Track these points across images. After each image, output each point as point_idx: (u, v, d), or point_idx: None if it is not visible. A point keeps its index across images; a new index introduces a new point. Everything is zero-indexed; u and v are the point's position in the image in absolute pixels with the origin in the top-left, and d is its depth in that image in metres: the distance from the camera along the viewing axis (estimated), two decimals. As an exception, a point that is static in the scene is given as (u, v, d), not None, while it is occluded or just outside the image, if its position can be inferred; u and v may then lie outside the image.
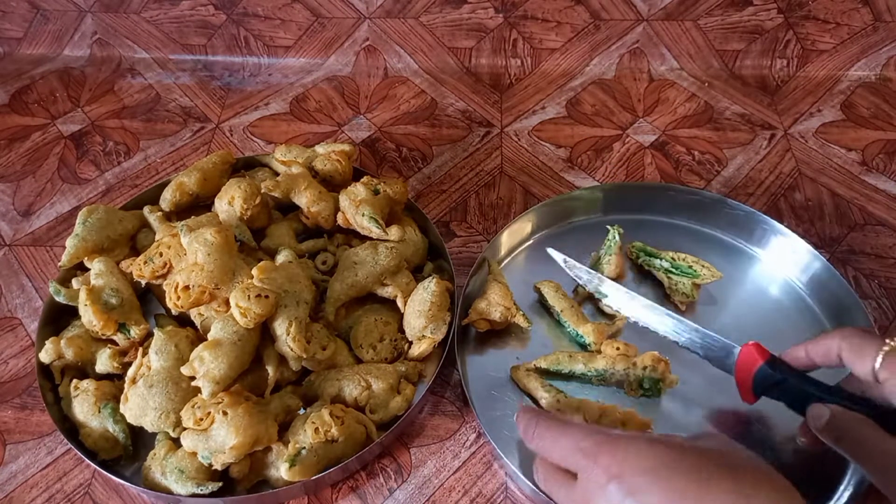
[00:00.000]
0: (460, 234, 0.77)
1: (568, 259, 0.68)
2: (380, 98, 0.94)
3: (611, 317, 0.67)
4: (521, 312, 0.64)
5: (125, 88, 0.96)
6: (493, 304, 0.63)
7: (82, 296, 0.61)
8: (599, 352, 0.62)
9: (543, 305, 0.68)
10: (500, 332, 0.66)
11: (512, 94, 0.94)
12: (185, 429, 0.54)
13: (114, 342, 0.62)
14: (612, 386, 0.62)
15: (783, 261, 0.70)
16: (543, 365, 0.62)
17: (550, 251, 0.69)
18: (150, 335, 0.61)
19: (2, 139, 0.89)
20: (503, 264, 0.72)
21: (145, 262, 0.62)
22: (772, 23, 0.94)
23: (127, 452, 0.58)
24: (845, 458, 0.57)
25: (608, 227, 0.69)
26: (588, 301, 0.69)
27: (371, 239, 0.67)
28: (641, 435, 0.43)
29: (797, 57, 0.95)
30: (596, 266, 0.70)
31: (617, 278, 0.68)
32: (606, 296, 0.66)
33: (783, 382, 0.54)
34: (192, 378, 0.54)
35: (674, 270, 0.67)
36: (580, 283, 0.67)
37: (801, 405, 0.53)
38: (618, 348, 0.61)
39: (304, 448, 0.54)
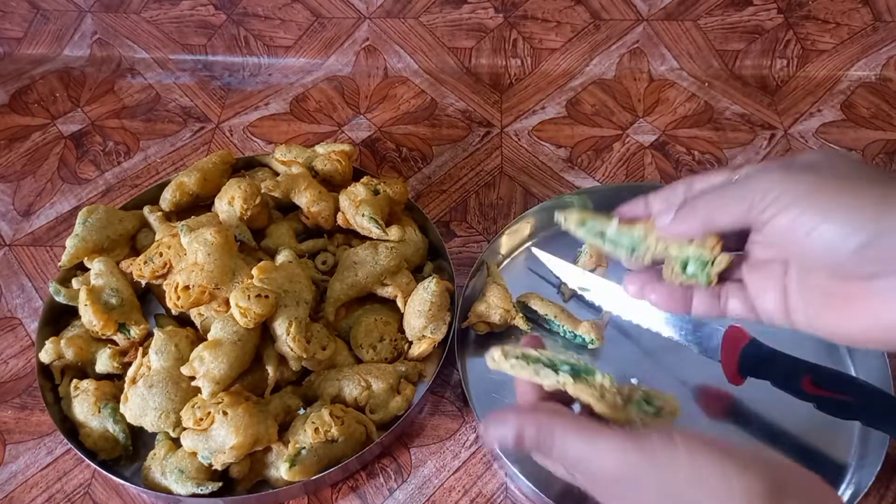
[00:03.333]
0: (460, 234, 0.77)
1: (552, 257, 0.69)
2: (380, 98, 0.94)
3: (598, 309, 0.67)
4: (520, 314, 0.64)
5: (125, 88, 0.96)
6: (493, 307, 0.63)
7: (82, 296, 0.61)
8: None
9: (531, 319, 0.66)
10: (499, 333, 0.66)
11: (512, 94, 0.94)
12: (185, 429, 0.54)
13: (114, 342, 0.62)
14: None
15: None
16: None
17: (535, 250, 0.70)
18: (150, 335, 0.61)
19: (2, 139, 0.89)
20: (503, 265, 0.72)
21: (145, 262, 0.62)
22: (772, 23, 0.94)
23: (127, 452, 0.58)
24: (846, 459, 0.57)
25: None
26: (573, 298, 0.69)
27: (371, 239, 0.67)
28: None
29: (797, 57, 0.95)
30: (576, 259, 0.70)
31: (595, 268, 0.69)
32: (589, 290, 0.66)
33: (769, 359, 0.55)
34: (192, 378, 0.54)
35: None
36: (563, 280, 0.68)
37: (786, 382, 0.54)
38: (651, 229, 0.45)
39: (304, 448, 0.54)
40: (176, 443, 0.56)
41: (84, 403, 0.58)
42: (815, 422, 0.59)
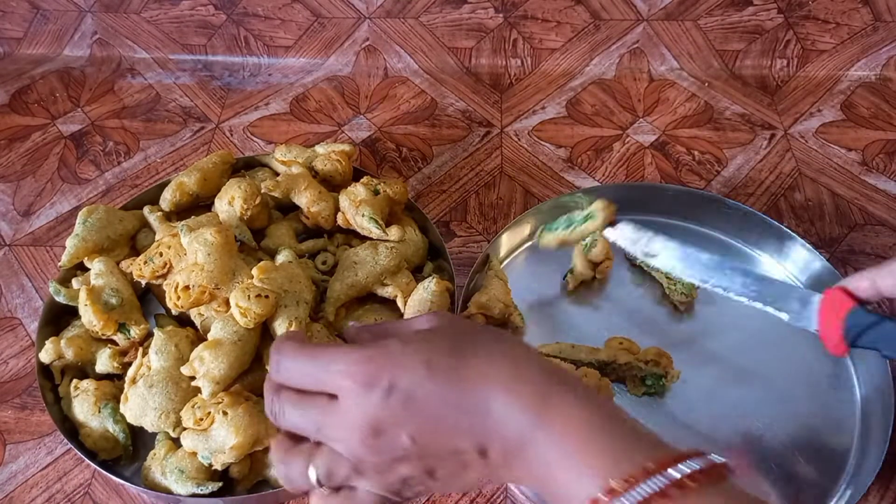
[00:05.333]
0: (460, 234, 0.77)
1: (623, 230, 0.59)
2: (380, 98, 0.94)
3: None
4: (517, 311, 0.64)
5: (125, 88, 0.96)
6: (494, 300, 0.64)
7: (82, 296, 0.61)
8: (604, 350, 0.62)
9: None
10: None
11: (512, 94, 0.94)
12: (185, 429, 0.54)
13: (114, 342, 0.62)
14: (615, 383, 0.61)
15: (783, 261, 0.71)
16: (545, 352, 0.61)
17: (606, 232, 0.60)
18: (150, 335, 0.61)
19: (2, 139, 0.89)
20: (503, 265, 0.72)
21: (145, 262, 0.62)
22: (772, 23, 0.94)
23: (127, 452, 0.58)
24: (846, 459, 0.57)
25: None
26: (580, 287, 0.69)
27: (371, 239, 0.67)
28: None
29: (797, 57, 0.95)
30: (580, 248, 0.68)
31: (605, 261, 0.68)
32: (656, 255, 0.57)
33: (880, 325, 0.48)
34: (192, 378, 0.54)
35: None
36: (628, 254, 0.62)
37: None
38: (621, 342, 0.61)
39: (304, 448, 0.54)
40: (176, 443, 0.56)
41: (84, 403, 0.58)
42: (813, 422, 0.59)
